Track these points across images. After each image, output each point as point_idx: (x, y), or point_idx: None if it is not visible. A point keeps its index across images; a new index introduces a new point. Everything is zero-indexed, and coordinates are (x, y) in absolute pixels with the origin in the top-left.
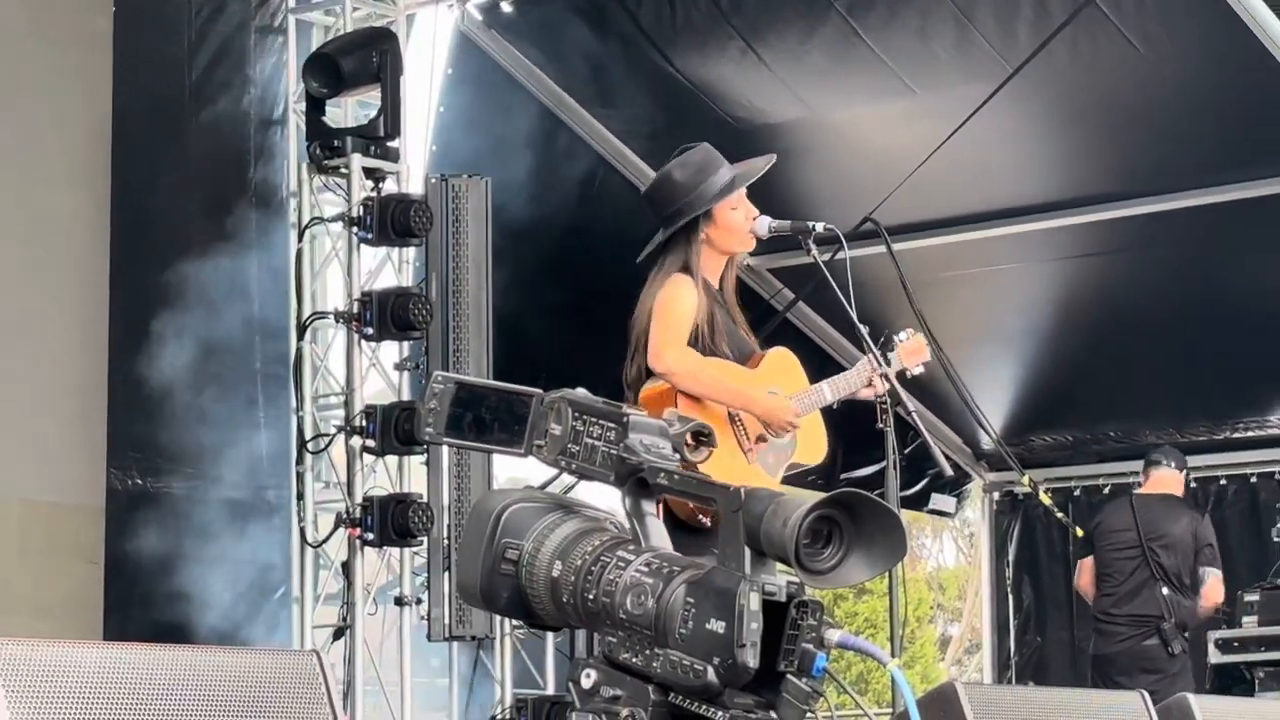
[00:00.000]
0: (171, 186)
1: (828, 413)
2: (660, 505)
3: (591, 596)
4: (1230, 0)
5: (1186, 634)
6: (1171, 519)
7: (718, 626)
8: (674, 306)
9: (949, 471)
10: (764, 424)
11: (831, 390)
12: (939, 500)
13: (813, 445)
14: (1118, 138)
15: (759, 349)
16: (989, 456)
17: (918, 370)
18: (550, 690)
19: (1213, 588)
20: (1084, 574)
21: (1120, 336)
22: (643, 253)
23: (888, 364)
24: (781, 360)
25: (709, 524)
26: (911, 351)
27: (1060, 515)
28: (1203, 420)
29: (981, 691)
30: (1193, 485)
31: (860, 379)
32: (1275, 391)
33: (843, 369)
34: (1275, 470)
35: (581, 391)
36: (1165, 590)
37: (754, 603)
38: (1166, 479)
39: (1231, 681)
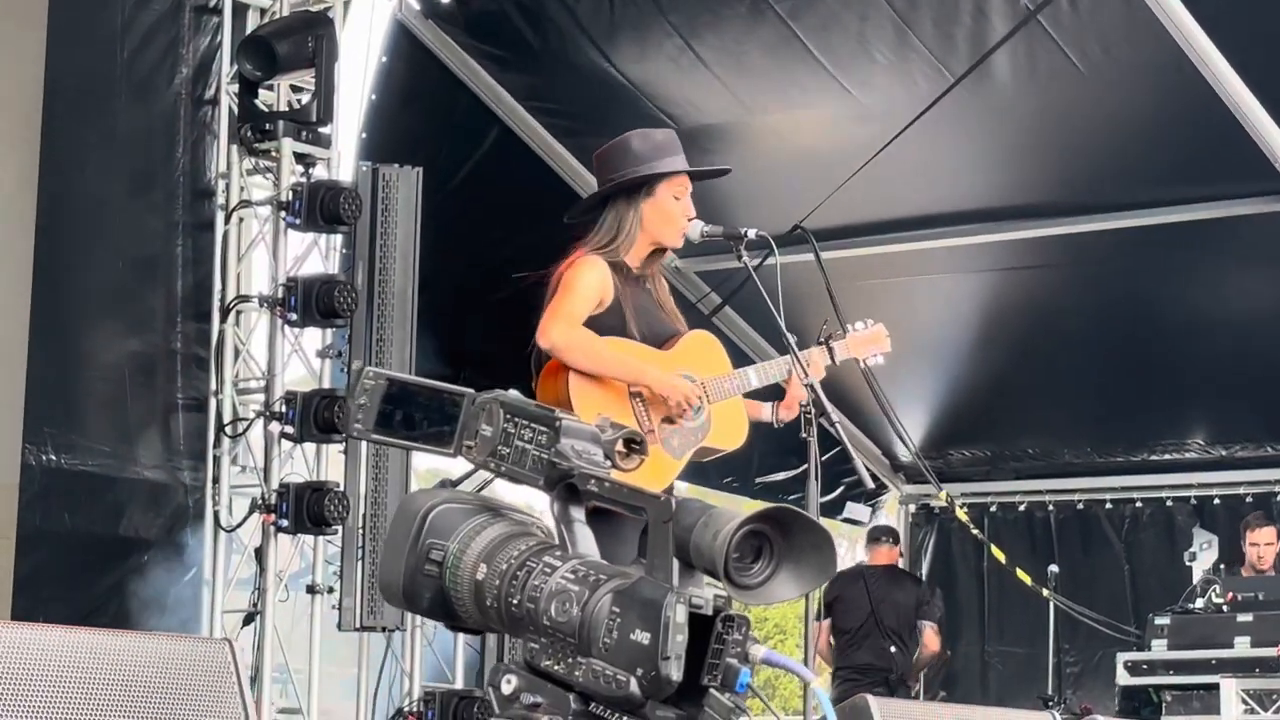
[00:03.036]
0: (100, 163)
1: None
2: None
3: (515, 602)
4: (1168, 26)
5: (909, 683)
6: (897, 585)
7: (642, 638)
8: (576, 284)
9: (870, 484)
10: (663, 402)
11: (758, 376)
12: (853, 509)
13: (731, 430)
14: (1052, 153)
15: (685, 331)
16: (906, 469)
17: (875, 360)
18: (459, 685)
19: (929, 638)
20: (822, 635)
21: (1043, 354)
22: (575, 209)
23: (814, 366)
24: (699, 342)
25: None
26: (869, 340)
27: (976, 532)
28: (1121, 442)
29: (893, 706)
30: (1108, 507)
31: (783, 369)
32: (1195, 415)
33: None
34: (1190, 494)
35: (514, 393)
36: (893, 648)
37: (680, 615)
38: (885, 553)
39: (1139, 704)
